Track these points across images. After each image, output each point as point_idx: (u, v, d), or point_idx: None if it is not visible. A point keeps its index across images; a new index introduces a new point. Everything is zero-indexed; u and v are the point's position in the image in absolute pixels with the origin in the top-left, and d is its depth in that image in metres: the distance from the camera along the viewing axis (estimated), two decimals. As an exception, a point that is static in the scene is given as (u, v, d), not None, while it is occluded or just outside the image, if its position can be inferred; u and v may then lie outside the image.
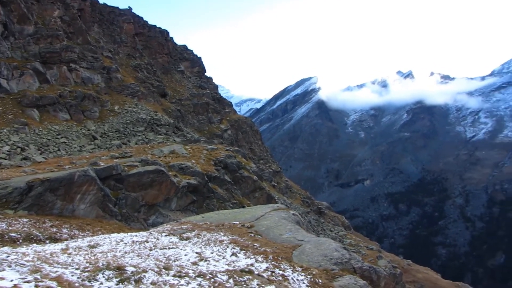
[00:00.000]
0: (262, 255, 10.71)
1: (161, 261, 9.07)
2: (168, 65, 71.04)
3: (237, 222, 14.55)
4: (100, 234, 13.80)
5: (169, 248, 10.58)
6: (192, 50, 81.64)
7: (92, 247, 10.18)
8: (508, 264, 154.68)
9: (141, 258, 9.25)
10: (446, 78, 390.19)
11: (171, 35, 75.42)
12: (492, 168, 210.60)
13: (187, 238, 11.90)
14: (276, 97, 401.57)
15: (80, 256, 8.95)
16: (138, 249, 10.15)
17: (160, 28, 73.31)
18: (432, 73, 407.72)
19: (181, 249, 10.58)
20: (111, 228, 16.99)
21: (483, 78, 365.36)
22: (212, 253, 10.50)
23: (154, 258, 9.37)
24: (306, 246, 12.03)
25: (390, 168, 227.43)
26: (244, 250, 11.07)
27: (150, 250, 10.20)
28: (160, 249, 10.41)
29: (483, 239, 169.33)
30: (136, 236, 11.87)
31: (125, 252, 9.74)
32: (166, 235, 12.11)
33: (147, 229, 17.33)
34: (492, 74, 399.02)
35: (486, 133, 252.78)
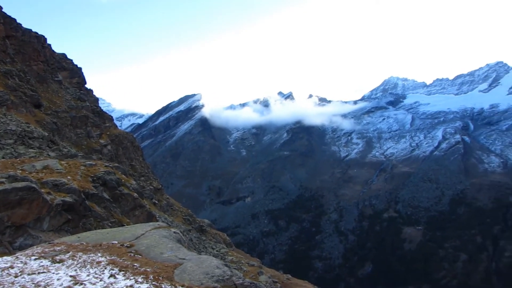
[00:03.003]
0: (142, 276, 10.16)
1: (29, 288, 8.17)
2: (44, 73, 65.73)
3: (116, 242, 13.71)
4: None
5: (39, 272, 9.56)
6: (72, 60, 76.56)
7: None
8: (374, 273, 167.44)
9: (4, 287, 8.24)
10: (323, 100, 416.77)
11: (48, 41, 70.14)
12: (362, 185, 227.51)
13: (60, 261, 10.87)
14: (159, 113, 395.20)
15: None
16: (0, 277, 9.03)
17: (36, 33, 67.44)
18: (310, 95, 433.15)
19: (53, 273, 9.63)
20: (-33, 254, 15.05)
21: (355, 102, 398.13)
22: (88, 275, 9.71)
23: (20, 285, 8.38)
24: (187, 264, 11.71)
25: (271, 185, 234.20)
26: (123, 270, 10.41)
27: (16, 276, 9.10)
28: (28, 274, 9.35)
29: (354, 251, 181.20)
30: (-2, 261, 10.58)
31: (-17, 281, 8.61)
32: (35, 259, 10.95)
33: (13, 253, 15.64)
34: (362, 99, 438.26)
35: (358, 153, 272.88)
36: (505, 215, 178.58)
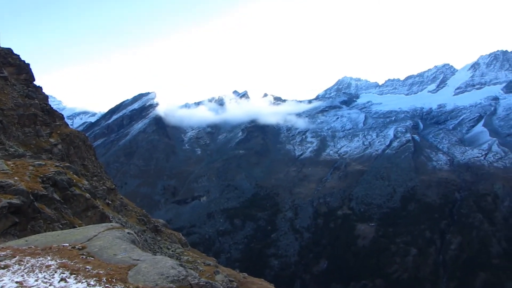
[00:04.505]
0: (95, 278, 9.81)
1: (-31, 297, 7.67)
2: (-13, 69, 62.89)
3: (67, 244, 13.18)
4: None
5: (-20, 280, 9.03)
6: (19, 55, 73.08)
7: None
8: (329, 269, 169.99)
9: None
10: (278, 99, 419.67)
11: (-8, 37, 66.82)
12: (317, 183, 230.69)
13: (6, 266, 10.30)
14: (112, 111, 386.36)
15: None
16: None
17: (-22, 28, 63.85)
18: (265, 95, 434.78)
19: (-3, 279, 9.12)
20: None
21: (310, 102, 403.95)
22: (36, 280, 9.26)
23: (-41, 294, 7.89)
24: (142, 265, 11.44)
25: (226, 184, 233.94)
26: (74, 274, 10.01)
27: (-46, 284, 8.57)
28: (-31, 282, 8.82)
29: (309, 248, 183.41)
30: None
31: None
32: (-23, 265, 10.36)
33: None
34: (317, 98, 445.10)
35: (312, 152, 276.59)
36: (451, 210, 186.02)
